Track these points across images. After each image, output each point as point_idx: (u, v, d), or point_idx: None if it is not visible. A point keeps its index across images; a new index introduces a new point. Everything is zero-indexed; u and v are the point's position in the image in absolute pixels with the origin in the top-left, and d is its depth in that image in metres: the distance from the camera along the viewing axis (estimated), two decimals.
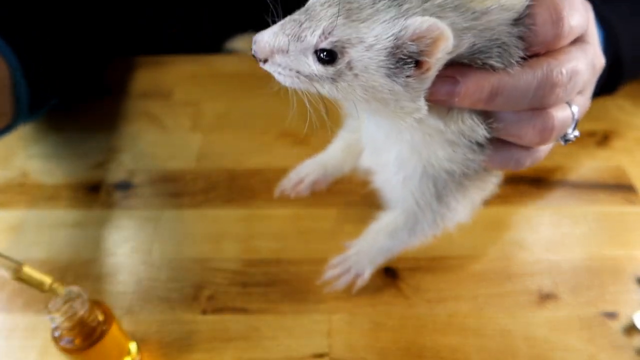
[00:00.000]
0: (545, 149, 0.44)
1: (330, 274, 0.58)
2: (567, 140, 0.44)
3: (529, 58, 0.38)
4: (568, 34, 0.39)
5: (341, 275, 0.58)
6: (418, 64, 0.36)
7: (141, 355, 0.55)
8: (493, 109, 0.40)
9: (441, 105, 0.39)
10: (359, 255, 0.58)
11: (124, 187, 0.73)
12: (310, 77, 0.38)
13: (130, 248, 0.66)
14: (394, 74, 0.36)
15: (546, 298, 0.59)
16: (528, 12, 0.37)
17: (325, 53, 0.37)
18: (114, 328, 0.50)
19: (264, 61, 0.39)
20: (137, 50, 0.95)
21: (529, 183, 0.70)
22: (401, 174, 0.49)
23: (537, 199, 0.69)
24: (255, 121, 0.80)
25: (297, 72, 0.38)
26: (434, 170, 0.46)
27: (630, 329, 0.56)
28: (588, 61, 0.41)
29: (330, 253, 0.64)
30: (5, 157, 0.78)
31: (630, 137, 0.76)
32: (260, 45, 0.39)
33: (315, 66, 0.38)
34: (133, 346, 0.55)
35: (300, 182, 0.59)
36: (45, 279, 0.46)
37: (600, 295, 0.59)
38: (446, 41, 0.34)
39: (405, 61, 0.36)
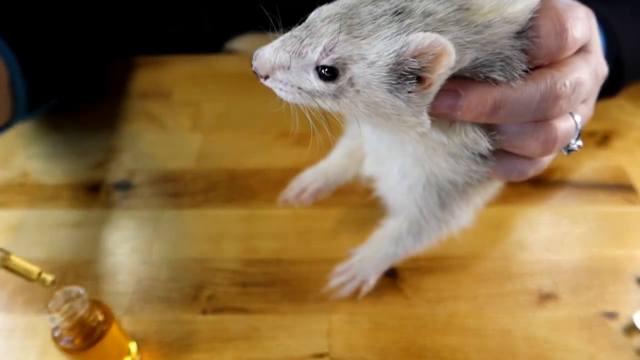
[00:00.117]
0: (549, 158, 0.44)
1: (335, 281, 0.58)
2: (570, 151, 0.44)
3: (532, 70, 0.38)
4: (572, 45, 0.38)
5: (346, 282, 0.58)
6: (420, 80, 0.36)
7: (141, 355, 0.55)
8: (496, 122, 0.39)
9: (444, 119, 0.39)
10: (363, 262, 0.58)
11: (124, 187, 0.73)
12: (312, 93, 0.38)
13: (130, 248, 0.66)
14: (396, 89, 0.36)
15: (546, 298, 0.59)
16: (531, 24, 0.37)
17: (326, 69, 0.36)
18: (114, 328, 0.50)
19: (265, 77, 0.39)
20: (137, 50, 0.95)
21: (529, 183, 0.70)
22: (404, 183, 0.48)
23: (537, 199, 0.69)
24: (255, 121, 0.80)
25: (299, 88, 0.38)
26: (438, 180, 0.46)
27: (630, 329, 0.56)
28: (591, 70, 0.41)
29: (330, 253, 0.64)
30: (5, 157, 0.78)
31: (630, 137, 0.76)
32: (261, 62, 0.39)
33: (317, 82, 0.37)
34: (133, 346, 0.55)
35: (303, 192, 0.59)
36: (34, 269, 0.46)
37: (600, 295, 0.59)
38: (448, 57, 0.34)
39: (407, 77, 0.36)
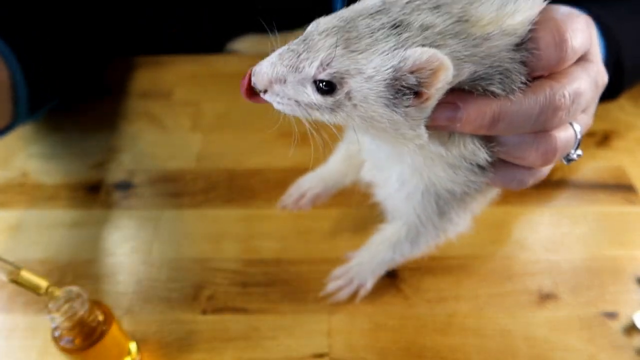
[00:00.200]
0: (548, 167, 0.44)
1: (333, 285, 0.58)
2: (569, 160, 0.44)
3: (531, 81, 0.37)
4: (571, 56, 0.38)
5: (344, 286, 0.58)
6: (418, 94, 0.35)
7: (141, 355, 0.55)
8: (495, 134, 0.39)
9: (442, 131, 0.39)
10: (361, 267, 0.58)
11: (123, 187, 0.73)
12: (310, 106, 0.38)
13: (130, 248, 0.66)
14: (393, 104, 0.36)
15: (546, 298, 0.59)
16: (530, 35, 0.36)
17: (324, 83, 0.36)
18: (114, 328, 0.50)
19: (264, 91, 0.39)
20: (137, 50, 0.95)
21: None
22: (403, 191, 0.48)
23: (537, 199, 0.69)
24: (255, 121, 0.80)
25: (296, 101, 0.38)
26: (436, 189, 0.46)
27: (630, 329, 0.56)
28: (591, 80, 0.40)
29: (330, 253, 0.64)
30: (5, 157, 0.78)
31: (630, 137, 0.76)
32: (258, 77, 0.38)
33: (314, 96, 0.37)
34: (133, 346, 0.55)
35: (301, 197, 0.59)
36: (42, 283, 0.46)
37: (600, 295, 0.59)
38: (446, 72, 0.34)
39: (405, 92, 0.35)
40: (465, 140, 0.39)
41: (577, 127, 0.42)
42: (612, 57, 0.62)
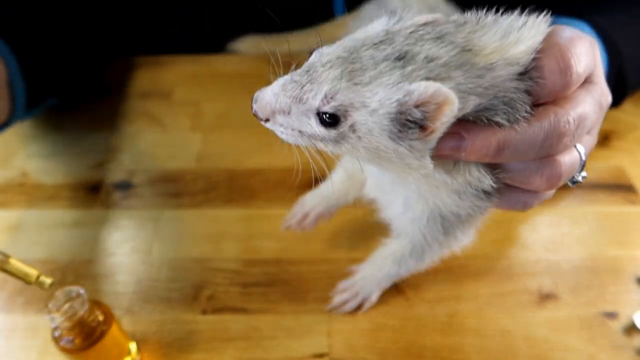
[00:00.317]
0: (553, 189, 0.44)
1: (338, 299, 0.58)
2: (574, 182, 0.44)
3: (535, 107, 0.37)
4: (576, 81, 0.38)
5: (349, 299, 0.58)
6: (423, 127, 0.35)
7: (141, 355, 0.55)
8: (500, 162, 0.39)
9: (447, 159, 0.39)
10: (365, 280, 0.58)
11: (124, 187, 0.73)
12: (313, 137, 0.38)
13: (130, 248, 0.66)
14: (398, 137, 0.36)
15: (546, 298, 0.59)
16: (534, 64, 0.36)
17: (327, 115, 0.36)
18: (114, 328, 0.50)
19: (265, 120, 0.39)
20: (137, 50, 0.95)
21: None
22: (408, 214, 0.48)
23: None
24: (255, 121, 0.80)
25: (300, 131, 0.38)
26: (441, 212, 0.46)
27: (630, 329, 0.56)
28: (595, 102, 0.40)
29: (331, 253, 0.64)
30: (5, 157, 0.78)
31: (630, 137, 0.76)
32: (261, 105, 0.38)
33: (318, 128, 0.37)
34: (133, 346, 0.55)
35: (305, 217, 0.58)
36: (32, 272, 0.46)
37: (600, 295, 0.59)
38: (451, 106, 0.33)
39: (410, 125, 0.35)
40: (470, 167, 0.39)
41: (582, 149, 0.42)
42: (614, 67, 0.62)
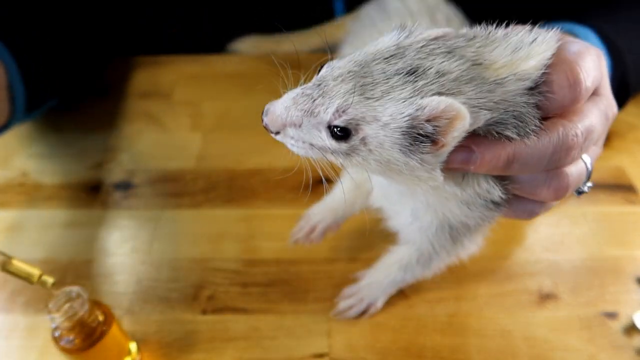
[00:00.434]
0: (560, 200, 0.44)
1: (343, 304, 0.58)
2: (580, 193, 0.44)
3: (544, 119, 0.37)
4: (585, 95, 0.38)
5: (354, 305, 0.58)
6: (434, 141, 0.35)
7: (141, 355, 0.55)
8: (509, 174, 0.39)
9: (456, 172, 0.39)
10: (371, 286, 0.58)
11: (123, 187, 0.73)
12: (324, 150, 0.38)
13: (130, 248, 0.66)
14: (409, 151, 0.36)
15: (546, 298, 0.59)
16: (544, 79, 0.36)
17: (339, 129, 0.36)
18: (114, 328, 0.50)
19: (276, 133, 0.39)
20: (137, 50, 0.95)
21: None
22: (416, 224, 0.49)
23: None
24: (255, 121, 0.79)
25: (311, 144, 0.38)
26: (450, 222, 0.46)
27: (630, 329, 0.56)
28: (601, 114, 0.41)
29: (330, 253, 0.64)
30: (5, 157, 0.78)
31: (630, 137, 0.76)
32: (271, 118, 0.39)
33: (329, 141, 0.37)
34: (133, 346, 0.55)
35: (312, 230, 0.58)
36: (34, 271, 0.46)
37: (600, 295, 0.59)
38: (463, 121, 0.34)
39: (421, 139, 0.35)
40: (479, 179, 0.39)
41: (588, 160, 0.42)
42: (617, 72, 0.63)
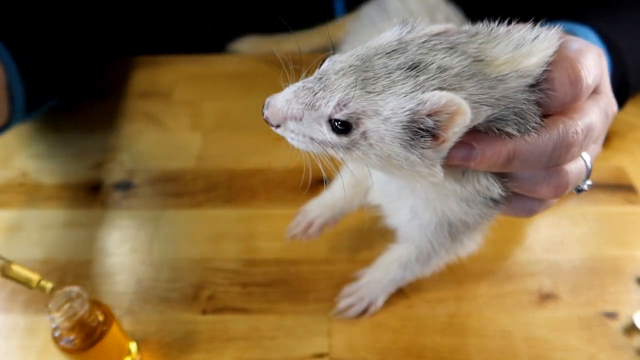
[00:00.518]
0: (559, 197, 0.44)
1: (343, 303, 0.58)
2: (580, 191, 0.44)
3: (544, 117, 0.38)
4: (586, 93, 0.38)
5: (354, 304, 0.58)
6: (435, 136, 0.35)
7: (141, 355, 0.55)
8: (509, 171, 0.39)
9: (456, 168, 0.39)
10: (371, 285, 0.58)
11: (123, 187, 0.73)
12: (324, 144, 0.38)
13: (130, 248, 0.66)
14: (410, 145, 0.36)
15: (546, 298, 0.59)
16: (545, 76, 0.36)
17: (339, 123, 0.36)
18: (114, 328, 0.50)
19: (276, 126, 0.39)
20: (137, 50, 0.95)
21: None
22: (415, 222, 0.49)
23: None
24: (255, 121, 0.80)
25: (311, 138, 0.38)
26: (449, 220, 0.46)
27: (630, 329, 0.56)
28: (601, 112, 0.41)
29: (331, 253, 0.64)
30: (5, 157, 0.78)
31: (630, 137, 0.76)
32: (272, 112, 0.38)
33: (329, 135, 0.37)
34: (133, 346, 0.54)
35: (309, 226, 0.58)
36: (34, 277, 0.46)
37: (600, 295, 0.59)
38: (464, 116, 0.34)
39: (422, 134, 0.35)
40: (479, 176, 0.40)
41: (587, 157, 0.42)
42: (617, 72, 0.63)
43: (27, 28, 0.72)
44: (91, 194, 0.72)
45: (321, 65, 0.39)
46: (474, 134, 0.36)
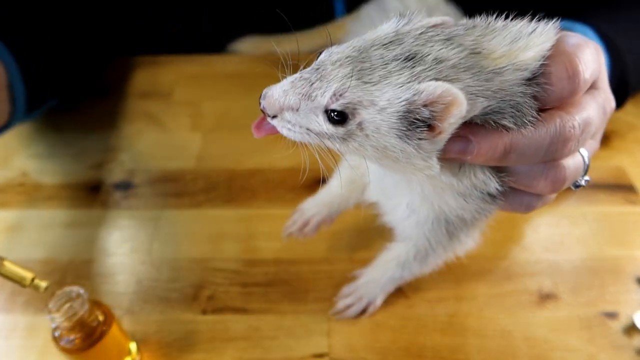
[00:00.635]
0: (557, 193, 0.44)
1: (342, 303, 0.58)
2: (577, 186, 0.44)
3: (542, 111, 0.37)
4: (583, 88, 0.38)
5: (353, 304, 0.58)
6: (431, 127, 0.35)
7: (141, 355, 0.55)
8: (505, 165, 0.39)
9: (453, 162, 0.39)
10: (369, 285, 0.58)
11: (124, 187, 0.73)
12: (320, 135, 0.38)
13: (130, 248, 0.66)
14: (406, 136, 0.36)
15: (546, 298, 0.59)
16: (542, 70, 0.36)
17: (336, 113, 0.36)
18: (114, 328, 0.50)
19: (272, 117, 0.39)
20: (137, 50, 0.95)
21: None
22: (413, 218, 0.48)
23: None
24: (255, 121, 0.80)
25: (307, 129, 0.38)
26: (446, 216, 0.46)
27: (630, 329, 0.56)
28: (599, 107, 0.40)
29: (330, 253, 0.64)
30: (5, 157, 0.78)
31: (630, 137, 0.76)
32: (269, 102, 0.38)
33: (326, 125, 0.37)
34: (133, 346, 0.55)
35: (306, 224, 0.58)
36: (27, 274, 0.46)
37: (600, 295, 0.59)
38: (459, 107, 0.34)
39: (418, 124, 0.35)
40: (476, 170, 0.39)
41: (585, 153, 0.42)
42: (616, 71, 0.63)
43: (27, 28, 0.72)
44: (91, 194, 0.72)
45: (319, 57, 0.39)
46: (471, 127, 0.36)
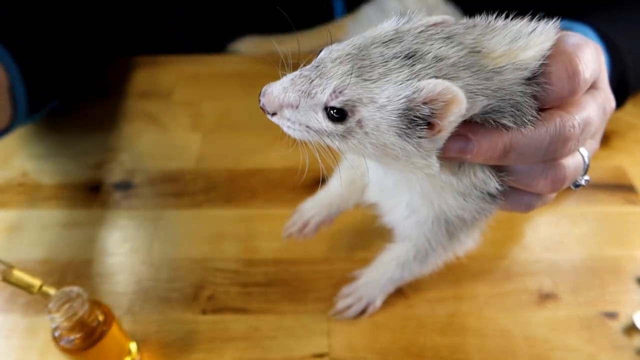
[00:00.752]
0: (556, 192, 0.44)
1: (342, 303, 0.58)
2: (577, 186, 0.44)
3: (542, 111, 0.37)
4: (583, 87, 0.38)
5: (353, 304, 0.58)
6: (430, 125, 0.35)
7: (141, 355, 0.55)
8: (505, 164, 0.39)
9: (453, 161, 0.39)
10: (369, 285, 0.58)
11: (123, 187, 0.73)
12: (320, 132, 0.38)
13: (129, 248, 0.66)
14: (405, 134, 0.36)
15: (546, 298, 0.59)
16: (542, 70, 0.36)
17: (335, 110, 0.36)
18: (114, 328, 0.50)
19: (272, 114, 0.39)
20: (137, 50, 0.95)
21: None
22: (413, 218, 0.48)
23: None
24: (255, 121, 0.80)
25: (307, 126, 0.38)
26: (446, 216, 0.46)
27: (630, 329, 0.56)
28: (599, 107, 0.41)
29: (330, 253, 0.64)
30: (5, 157, 0.78)
31: (630, 137, 0.76)
32: (269, 99, 0.38)
33: (325, 123, 0.37)
34: (133, 346, 0.55)
35: (305, 225, 0.58)
36: (35, 282, 0.46)
37: (600, 295, 0.59)
38: (459, 105, 0.34)
39: (418, 122, 0.35)
40: (476, 169, 0.39)
41: (585, 153, 0.42)
42: (616, 71, 0.63)
43: (28, 29, 0.72)
44: (91, 194, 0.72)
45: (319, 54, 0.39)
46: (470, 125, 0.36)
